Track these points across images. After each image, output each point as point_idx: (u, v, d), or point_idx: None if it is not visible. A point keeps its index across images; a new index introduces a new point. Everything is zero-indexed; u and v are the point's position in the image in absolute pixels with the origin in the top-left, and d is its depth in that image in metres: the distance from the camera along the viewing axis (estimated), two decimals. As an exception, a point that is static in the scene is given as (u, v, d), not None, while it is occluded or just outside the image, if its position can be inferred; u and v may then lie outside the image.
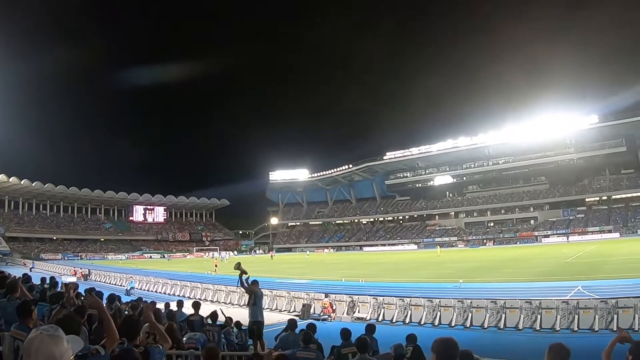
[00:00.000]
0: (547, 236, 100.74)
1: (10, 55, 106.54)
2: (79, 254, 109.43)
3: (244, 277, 14.01)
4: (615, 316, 15.68)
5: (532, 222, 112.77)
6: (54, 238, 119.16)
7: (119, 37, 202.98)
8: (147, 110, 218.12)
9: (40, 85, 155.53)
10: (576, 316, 16.34)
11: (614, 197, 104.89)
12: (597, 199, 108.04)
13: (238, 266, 14.14)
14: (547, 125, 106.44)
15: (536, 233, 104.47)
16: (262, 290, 15.02)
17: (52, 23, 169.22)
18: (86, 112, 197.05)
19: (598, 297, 18.37)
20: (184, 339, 9.20)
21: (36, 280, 14.72)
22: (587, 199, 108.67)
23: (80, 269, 53.61)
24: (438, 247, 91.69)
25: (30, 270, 52.19)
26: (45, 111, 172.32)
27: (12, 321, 5.89)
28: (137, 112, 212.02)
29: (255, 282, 14.21)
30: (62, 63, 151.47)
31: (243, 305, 18.27)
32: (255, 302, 13.76)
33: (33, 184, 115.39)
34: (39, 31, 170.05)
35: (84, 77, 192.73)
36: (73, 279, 38.21)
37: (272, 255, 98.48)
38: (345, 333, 9.30)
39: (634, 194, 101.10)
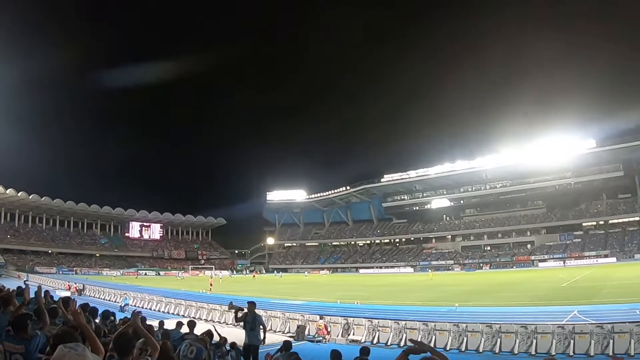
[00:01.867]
0: (543, 260, 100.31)
1: (4, 61, 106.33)
2: (74, 269, 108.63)
3: (240, 314, 14.04)
4: (611, 341, 15.61)
5: (528, 246, 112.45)
6: (49, 252, 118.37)
7: (112, 42, 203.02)
8: (145, 127, 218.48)
9: (35, 93, 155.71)
10: (572, 341, 16.24)
11: (610, 221, 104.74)
12: (594, 223, 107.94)
13: (231, 306, 14.31)
14: (545, 149, 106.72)
15: (533, 257, 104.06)
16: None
17: (44, 26, 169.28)
18: (85, 124, 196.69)
19: (594, 321, 18.33)
20: (180, 352, 9.16)
21: (30, 294, 14.62)
22: (584, 224, 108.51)
23: (75, 283, 53.38)
24: (430, 270, 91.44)
25: (25, 283, 51.96)
26: (44, 122, 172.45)
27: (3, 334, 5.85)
28: (135, 127, 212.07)
29: (252, 304, 14.15)
30: (54, 69, 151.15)
31: (237, 325, 18.24)
32: (253, 326, 13.72)
33: (30, 197, 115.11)
34: (30, 35, 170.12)
35: (80, 86, 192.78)
36: (67, 294, 38.04)
37: (254, 276, 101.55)
38: (336, 355, 9.19)
39: (631, 219, 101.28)
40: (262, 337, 13.75)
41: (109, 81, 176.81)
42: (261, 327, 13.86)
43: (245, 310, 13.98)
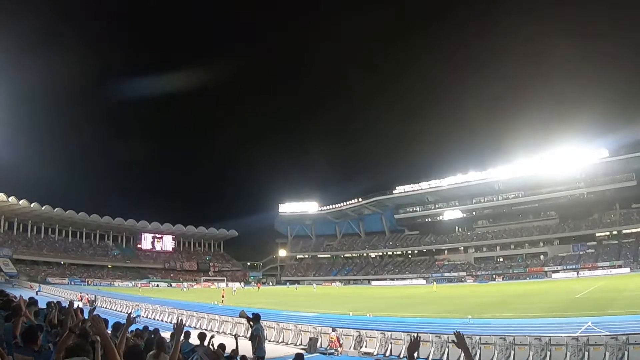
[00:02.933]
0: (556, 271, 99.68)
1: (18, 73, 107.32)
2: (86, 280, 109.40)
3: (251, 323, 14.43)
4: (626, 352, 15.43)
5: (541, 257, 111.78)
6: (62, 262, 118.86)
7: (126, 51, 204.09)
8: (158, 138, 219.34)
9: (50, 104, 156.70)
10: (586, 353, 16.10)
11: (624, 231, 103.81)
12: (608, 233, 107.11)
13: (242, 314, 14.68)
14: (557, 159, 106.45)
15: (546, 268, 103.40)
16: (261, 325, 15.11)
17: (57, 34, 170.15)
18: (97, 135, 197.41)
19: (608, 333, 18.15)
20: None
21: (42, 304, 14.67)
22: (597, 234, 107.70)
23: (87, 294, 53.65)
24: (434, 282, 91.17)
25: (37, 294, 52.17)
26: (56, 133, 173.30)
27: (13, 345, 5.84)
28: (148, 138, 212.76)
29: (256, 317, 14.39)
30: (69, 79, 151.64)
31: (249, 336, 18.23)
32: (251, 338, 14.04)
33: (42, 208, 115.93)
34: (43, 43, 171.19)
35: (94, 96, 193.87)
36: (79, 304, 38.12)
37: (259, 287, 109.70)
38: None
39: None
40: (256, 347, 14.04)
41: (120, 90, 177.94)
42: (257, 338, 14.13)
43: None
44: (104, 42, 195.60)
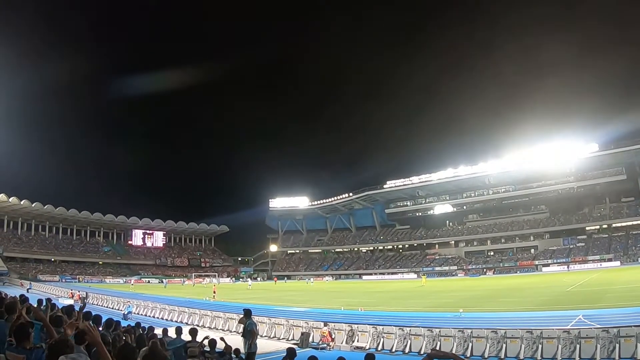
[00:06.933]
0: (547, 265, 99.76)
1: (11, 69, 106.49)
2: (77, 277, 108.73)
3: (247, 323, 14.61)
4: (617, 345, 15.51)
5: (532, 251, 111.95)
6: (52, 259, 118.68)
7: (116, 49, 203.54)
8: (148, 135, 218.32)
9: (40, 101, 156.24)
10: (577, 346, 16.16)
11: (614, 225, 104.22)
12: (598, 227, 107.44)
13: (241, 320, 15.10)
14: (548, 154, 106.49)
15: (536, 262, 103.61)
16: (253, 320, 15.29)
17: (47, 33, 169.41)
18: (88, 132, 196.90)
19: (599, 326, 18.21)
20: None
21: (33, 302, 14.58)
22: (587, 228, 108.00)
23: (78, 291, 53.31)
24: (423, 276, 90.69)
25: (28, 291, 52.03)
26: (47, 130, 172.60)
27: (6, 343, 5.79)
28: (138, 135, 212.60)
29: (247, 312, 14.47)
30: (61, 77, 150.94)
31: (241, 332, 18.22)
32: (244, 334, 14.13)
33: (33, 205, 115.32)
34: (39, 44, 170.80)
35: (85, 94, 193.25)
36: (70, 302, 37.93)
37: (275, 281, 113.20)
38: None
39: (635, 222, 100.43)
40: (248, 343, 14.16)
41: (113, 90, 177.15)
42: (251, 333, 14.26)
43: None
44: (98, 44, 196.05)
